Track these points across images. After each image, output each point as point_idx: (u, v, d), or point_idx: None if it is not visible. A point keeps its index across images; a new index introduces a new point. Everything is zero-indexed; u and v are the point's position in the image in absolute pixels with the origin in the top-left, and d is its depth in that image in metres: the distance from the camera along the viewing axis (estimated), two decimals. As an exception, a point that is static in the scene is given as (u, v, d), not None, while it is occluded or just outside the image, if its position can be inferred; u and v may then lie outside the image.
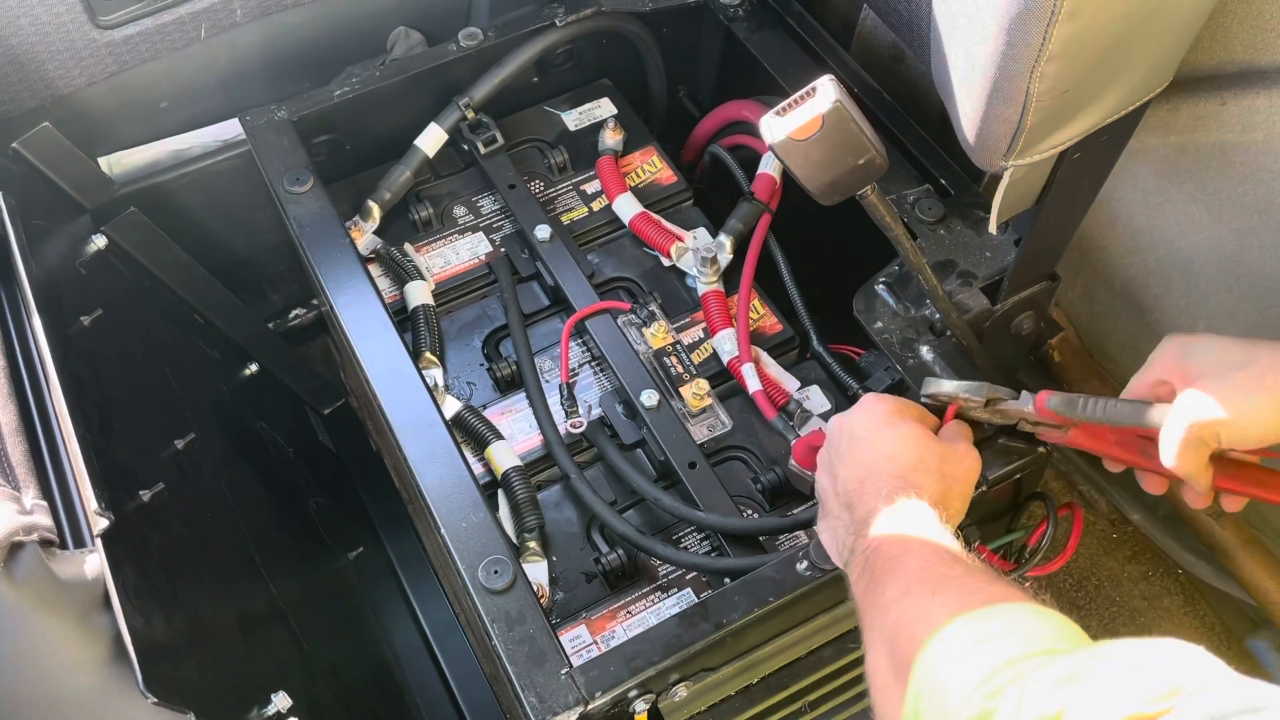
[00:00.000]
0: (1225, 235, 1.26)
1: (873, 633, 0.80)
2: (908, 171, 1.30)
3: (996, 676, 0.63)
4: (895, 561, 0.83)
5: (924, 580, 0.79)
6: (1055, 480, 1.82)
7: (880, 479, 0.93)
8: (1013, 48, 0.83)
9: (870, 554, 0.86)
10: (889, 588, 0.81)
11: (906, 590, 0.79)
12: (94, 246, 1.34)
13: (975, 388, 1.03)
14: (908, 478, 0.92)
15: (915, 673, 0.69)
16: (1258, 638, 1.62)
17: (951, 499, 0.94)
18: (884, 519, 0.88)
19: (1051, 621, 0.69)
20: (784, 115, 0.95)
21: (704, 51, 1.57)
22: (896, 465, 0.94)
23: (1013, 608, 0.71)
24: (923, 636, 0.70)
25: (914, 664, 0.69)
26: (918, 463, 0.94)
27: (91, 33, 1.34)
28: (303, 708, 1.09)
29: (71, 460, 0.96)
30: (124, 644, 0.87)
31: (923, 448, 0.96)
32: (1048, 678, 0.60)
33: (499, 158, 1.44)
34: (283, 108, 1.37)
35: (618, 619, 1.14)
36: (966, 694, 0.63)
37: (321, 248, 1.26)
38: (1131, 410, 0.94)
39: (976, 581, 0.77)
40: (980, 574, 0.78)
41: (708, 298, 1.34)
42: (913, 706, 0.68)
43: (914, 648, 0.70)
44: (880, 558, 0.85)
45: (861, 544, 0.88)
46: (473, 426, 1.24)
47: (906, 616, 0.76)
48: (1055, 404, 0.99)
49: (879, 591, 0.81)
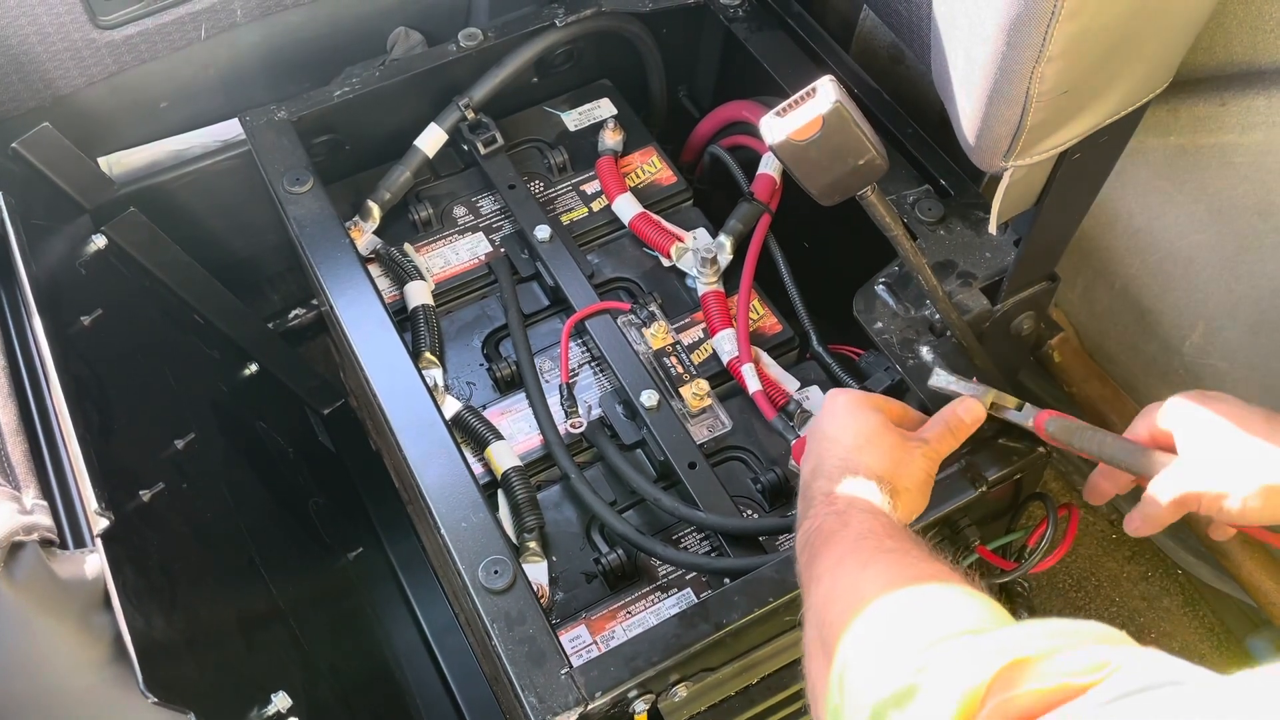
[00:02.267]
0: (1225, 235, 1.27)
1: (805, 606, 0.79)
2: (908, 171, 1.30)
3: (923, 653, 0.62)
4: (833, 535, 0.82)
5: (857, 552, 0.78)
6: (1055, 480, 1.82)
7: (828, 464, 0.92)
8: (1013, 48, 0.83)
9: (812, 533, 0.85)
10: (823, 560, 0.80)
11: (840, 560, 0.78)
12: (94, 246, 1.34)
13: (980, 390, 1.04)
14: (850, 458, 0.92)
15: (841, 645, 0.68)
16: (1258, 638, 1.62)
17: (900, 478, 0.92)
18: (827, 500, 0.88)
19: (979, 602, 0.68)
20: (784, 116, 0.95)
21: (704, 51, 1.57)
22: (841, 448, 0.93)
23: (942, 587, 0.70)
24: (851, 610, 0.70)
25: (840, 637, 0.69)
26: (864, 443, 0.93)
27: (91, 33, 1.34)
28: (303, 708, 1.10)
29: (71, 460, 0.96)
30: (124, 644, 0.88)
31: (871, 430, 0.94)
32: (975, 652, 0.59)
33: (499, 158, 1.44)
34: (283, 108, 1.37)
35: (618, 619, 1.14)
36: (891, 668, 0.62)
37: (321, 248, 1.26)
38: (1127, 453, 0.96)
39: (909, 558, 0.76)
40: (914, 550, 0.78)
41: (707, 298, 1.34)
42: (838, 678, 0.67)
43: (842, 620, 0.70)
44: (819, 535, 0.84)
45: (805, 524, 0.88)
46: (473, 426, 1.24)
47: (837, 589, 0.75)
48: (1054, 430, 1.00)
49: (814, 566, 0.81)
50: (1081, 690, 0.53)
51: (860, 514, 0.84)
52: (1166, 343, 1.42)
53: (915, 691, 0.60)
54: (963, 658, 0.59)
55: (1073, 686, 0.54)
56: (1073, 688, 0.54)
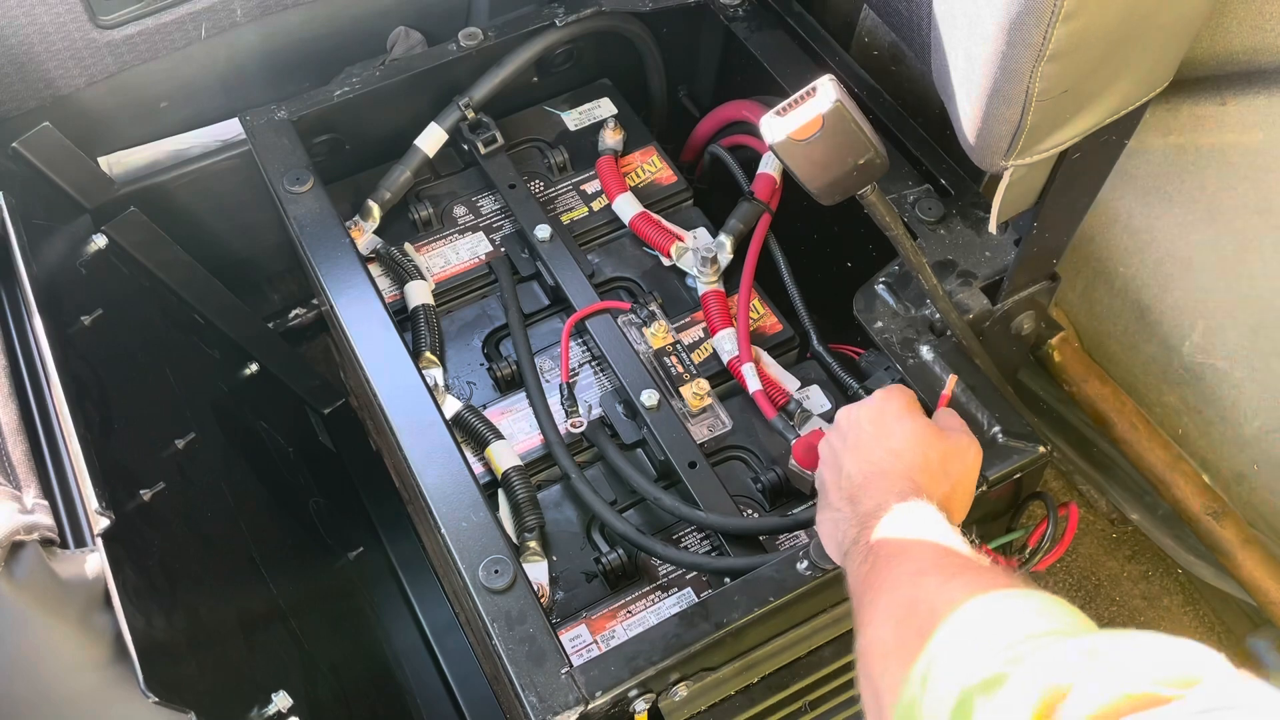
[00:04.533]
0: (1225, 235, 1.27)
1: (873, 609, 0.79)
2: (908, 171, 1.30)
3: (1018, 645, 0.63)
4: (905, 549, 0.83)
5: (940, 567, 0.79)
6: (1055, 480, 1.82)
7: (887, 477, 0.93)
8: (1013, 48, 0.84)
9: (876, 545, 0.86)
10: (899, 569, 0.80)
11: (921, 571, 0.79)
12: (94, 246, 1.34)
13: None
14: (915, 478, 0.92)
15: (932, 643, 0.69)
16: (1258, 638, 1.62)
17: (955, 499, 0.95)
18: (891, 517, 0.88)
19: (1069, 609, 0.70)
20: (784, 115, 0.95)
21: (704, 51, 1.57)
22: (903, 464, 0.94)
23: (1031, 593, 0.71)
24: (942, 611, 0.70)
25: (930, 635, 0.69)
26: (925, 464, 0.94)
27: (91, 33, 1.34)
28: (303, 708, 1.09)
29: (72, 460, 0.96)
30: (125, 644, 0.88)
31: (929, 446, 0.96)
32: (1067, 650, 0.60)
33: (499, 158, 1.44)
34: (283, 108, 1.37)
35: (618, 619, 1.14)
36: (983, 658, 0.63)
37: (321, 248, 1.26)
38: None
39: (992, 572, 0.77)
40: (992, 570, 0.78)
41: (708, 298, 1.34)
42: (921, 674, 0.67)
43: (931, 620, 0.70)
44: (888, 546, 0.84)
45: (865, 536, 0.88)
46: (473, 426, 1.24)
47: (923, 594, 0.75)
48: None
49: (885, 572, 0.81)
50: (1166, 700, 0.54)
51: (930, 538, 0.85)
52: (1166, 342, 1.42)
53: (1004, 680, 0.60)
54: (1054, 653, 0.60)
55: (1159, 696, 0.54)
56: (1159, 697, 0.54)
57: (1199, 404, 1.41)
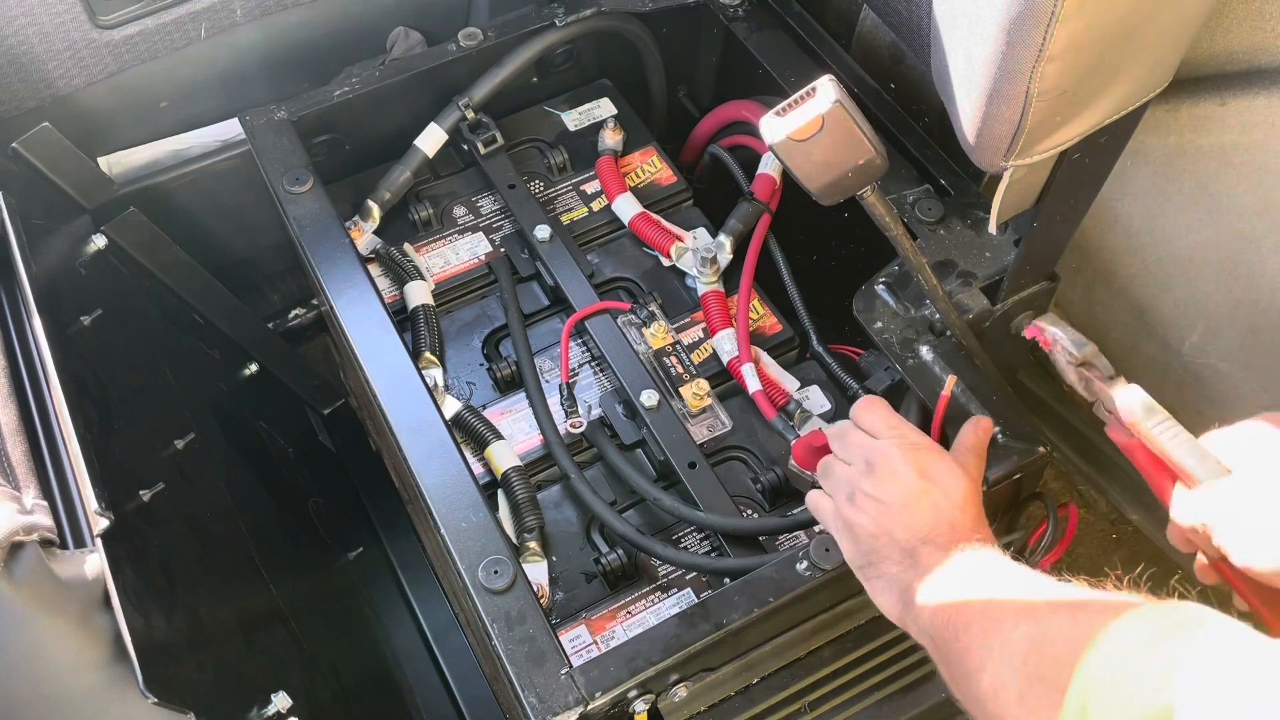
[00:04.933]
0: (1225, 235, 1.27)
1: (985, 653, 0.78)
2: (908, 171, 1.30)
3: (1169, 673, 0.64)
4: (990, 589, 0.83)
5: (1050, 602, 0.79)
6: (1055, 480, 1.82)
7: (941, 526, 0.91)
8: (1013, 48, 0.83)
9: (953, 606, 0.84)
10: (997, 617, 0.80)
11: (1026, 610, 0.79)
12: (94, 246, 1.34)
13: (1081, 342, 1.04)
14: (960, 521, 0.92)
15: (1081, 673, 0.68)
16: (1258, 638, 1.62)
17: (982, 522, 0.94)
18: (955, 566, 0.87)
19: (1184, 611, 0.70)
20: (784, 115, 0.95)
21: (704, 51, 1.57)
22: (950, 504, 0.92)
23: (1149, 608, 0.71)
24: (1076, 647, 0.70)
25: (1077, 667, 0.69)
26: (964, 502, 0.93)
27: (91, 33, 1.34)
28: (303, 708, 1.09)
29: (71, 460, 0.96)
30: (124, 644, 0.88)
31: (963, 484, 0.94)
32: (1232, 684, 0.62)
33: (499, 158, 1.44)
34: (283, 108, 1.37)
35: (618, 619, 1.14)
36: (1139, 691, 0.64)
37: (321, 248, 1.26)
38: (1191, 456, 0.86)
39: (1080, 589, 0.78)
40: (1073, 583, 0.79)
41: (707, 298, 1.34)
42: (1079, 706, 0.68)
43: (1073, 654, 0.70)
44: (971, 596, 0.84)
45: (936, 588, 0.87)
46: (473, 426, 1.24)
47: (1046, 632, 0.75)
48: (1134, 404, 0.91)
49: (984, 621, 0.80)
50: None
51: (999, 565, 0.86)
52: (1166, 343, 1.42)
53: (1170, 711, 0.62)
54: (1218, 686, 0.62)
55: None
56: None
57: (1199, 404, 1.41)
